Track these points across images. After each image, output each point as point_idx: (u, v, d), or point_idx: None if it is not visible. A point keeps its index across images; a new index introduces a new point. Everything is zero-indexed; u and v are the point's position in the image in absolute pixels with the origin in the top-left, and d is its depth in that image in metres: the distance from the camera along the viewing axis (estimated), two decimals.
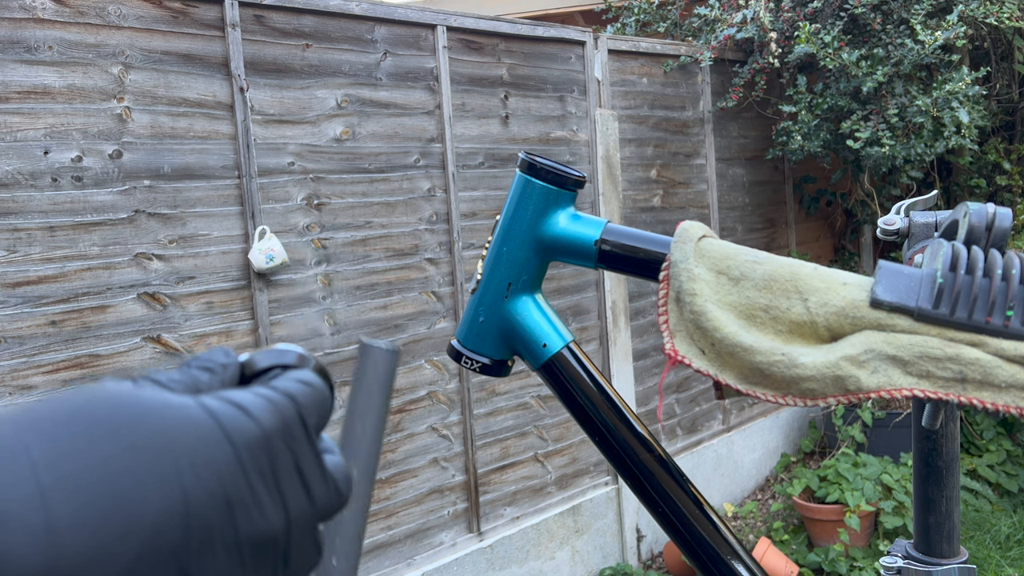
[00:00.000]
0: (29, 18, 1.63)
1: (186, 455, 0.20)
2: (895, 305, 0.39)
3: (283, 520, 0.22)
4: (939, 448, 0.49)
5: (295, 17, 2.04)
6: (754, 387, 0.41)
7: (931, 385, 0.38)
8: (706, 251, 0.44)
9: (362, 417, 0.44)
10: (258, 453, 0.21)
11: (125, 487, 0.19)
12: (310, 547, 0.23)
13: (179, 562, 0.19)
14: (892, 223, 0.51)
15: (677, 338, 0.43)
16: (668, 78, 3.14)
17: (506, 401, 2.52)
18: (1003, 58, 3.44)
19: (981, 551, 2.86)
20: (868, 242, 3.96)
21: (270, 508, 0.21)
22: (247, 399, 0.22)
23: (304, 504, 0.23)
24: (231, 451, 0.21)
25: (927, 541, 0.50)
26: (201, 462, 0.20)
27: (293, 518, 0.22)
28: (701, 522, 0.47)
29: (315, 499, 0.23)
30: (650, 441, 0.48)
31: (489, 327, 0.50)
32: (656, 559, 2.97)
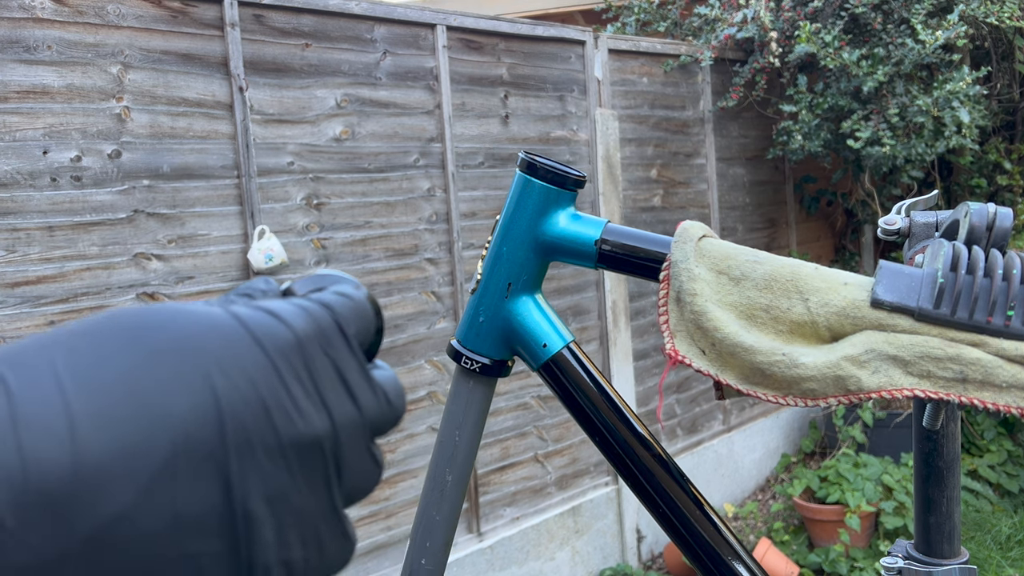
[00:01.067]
0: (28, 17, 1.63)
1: (213, 357, 0.19)
2: (896, 305, 0.39)
3: (328, 426, 0.21)
4: (940, 448, 0.49)
5: (294, 16, 2.03)
6: (755, 387, 0.40)
7: (932, 385, 0.38)
8: (706, 251, 0.43)
9: (460, 429, 0.47)
10: (292, 357, 0.21)
11: (148, 388, 0.18)
12: (366, 461, 0.22)
13: (217, 464, 0.19)
14: (893, 223, 0.50)
15: (677, 338, 0.43)
16: (668, 78, 3.14)
17: (506, 401, 2.52)
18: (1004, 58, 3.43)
19: (982, 551, 2.86)
20: (869, 242, 3.95)
21: (311, 413, 0.21)
22: (279, 306, 0.22)
23: (351, 412, 0.22)
24: (262, 354, 0.20)
25: (928, 541, 0.50)
26: (230, 365, 0.20)
27: (339, 425, 0.21)
28: (702, 522, 0.47)
29: (363, 408, 0.22)
30: (650, 441, 0.48)
31: (489, 327, 0.50)
32: (656, 560, 2.97)
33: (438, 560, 0.51)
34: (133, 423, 0.18)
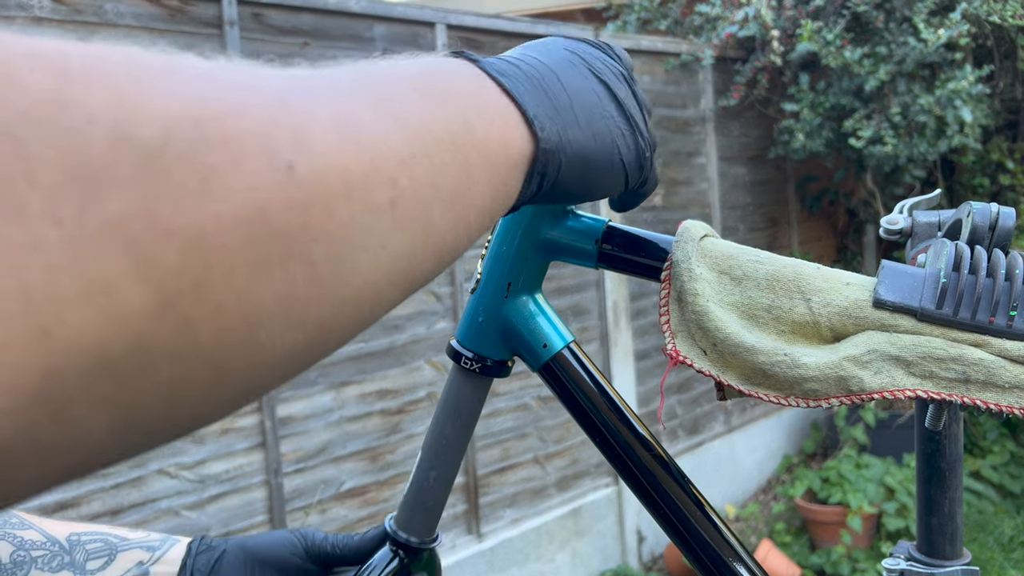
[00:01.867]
0: (26, 17, 1.63)
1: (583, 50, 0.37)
2: (898, 305, 0.39)
3: (643, 144, 0.38)
4: (942, 449, 0.49)
5: (293, 15, 2.03)
6: (756, 388, 0.40)
7: (934, 386, 0.37)
8: (708, 251, 0.43)
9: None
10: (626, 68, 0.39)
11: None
12: (652, 162, 0.39)
13: (615, 103, 0.36)
14: (895, 223, 0.50)
15: (679, 338, 0.42)
16: (669, 76, 3.13)
17: (506, 402, 2.51)
18: (1006, 56, 3.42)
19: (984, 553, 2.85)
20: (871, 242, 3.94)
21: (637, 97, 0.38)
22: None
23: (642, 143, 0.38)
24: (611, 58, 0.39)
25: (930, 543, 0.49)
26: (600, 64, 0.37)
27: (642, 151, 0.37)
28: (703, 524, 0.47)
29: (646, 129, 0.38)
30: (651, 442, 0.48)
31: (489, 327, 0.49)
32: (657, 561, 2.96)
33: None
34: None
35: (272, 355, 0.20)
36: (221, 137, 0.18)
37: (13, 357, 0.14)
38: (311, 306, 0.20)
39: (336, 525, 2.05)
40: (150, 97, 0.17)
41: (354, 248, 0.21)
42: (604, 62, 0.37)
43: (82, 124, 0.16)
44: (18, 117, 0.15)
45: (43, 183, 0.15)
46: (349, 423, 2.14)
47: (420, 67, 0.28)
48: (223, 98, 0.19)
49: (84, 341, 0.15)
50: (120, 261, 0.16)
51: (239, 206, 0.18)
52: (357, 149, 0.21)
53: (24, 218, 0.14)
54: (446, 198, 0.25)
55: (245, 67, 0.21)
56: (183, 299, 0.17)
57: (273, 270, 0.19)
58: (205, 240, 0.17)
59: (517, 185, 0.30)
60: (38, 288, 0.14)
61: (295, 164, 0.19)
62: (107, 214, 0.16)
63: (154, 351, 0.17)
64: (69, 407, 0.16)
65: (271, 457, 1.97)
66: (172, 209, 0.17)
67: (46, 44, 0.16)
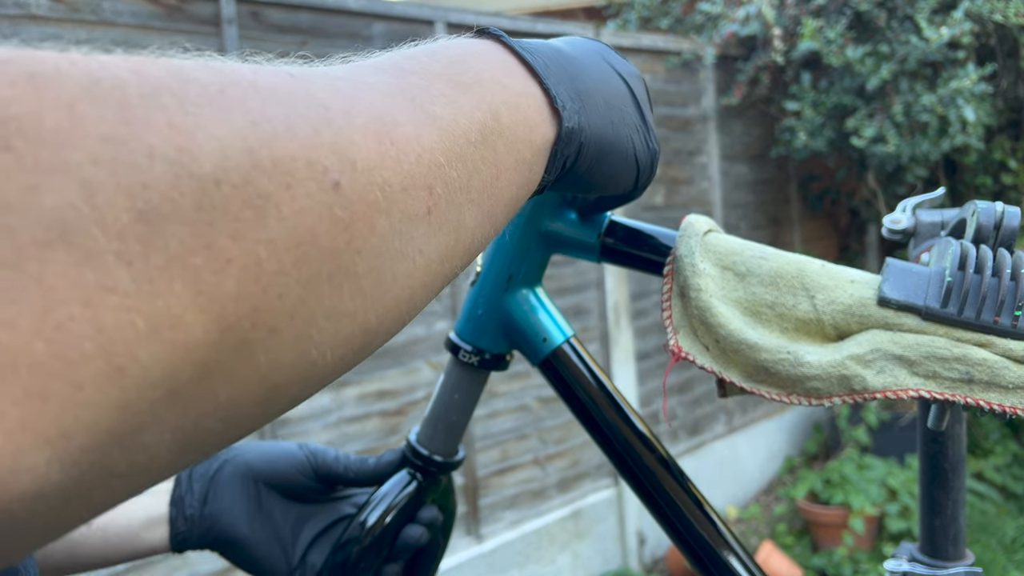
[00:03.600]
0: (24, 15, 1.62)
1: (614, 59, 0.38)
2: (903, 304, 0.38)
3: (654, 146, 0.38)
4: (945, 450, 0.49)
5: (291, 13, 2.02)
6: (758, 385, 0.40)
7: (937, 386, 0.37)
8: (712, 246, 0.43)
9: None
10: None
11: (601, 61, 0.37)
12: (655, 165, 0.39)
13: (634, 101, 0.37)
14: (898, 222, 0.50)
15: (681, 334, 0.42)
16: (671, 75, 3.12)
17: (505, 403, 2.50)
18: (1009, 55, 3.41)
19: (987, 554, 2.84)
20: (873, 241, 3.93)
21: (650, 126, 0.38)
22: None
23: (653, 144, 0.39)
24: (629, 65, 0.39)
25: (932, 544, 0.49)
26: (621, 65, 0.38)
27: (654, 152, 0.38)
28: (704, 525, 0.46)
29: (654, 146, 0.39)
30: (652, 440, 0.47)
31: (488, 320, 0.49)
32: (658, 563, 2.95)
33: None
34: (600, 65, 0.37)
35: (322, 368, 0.21)
36: (272, 162, 0.18)
37: (90, 396, 0.15)
38: (357, 317, 0.21)
39: None
40: (204, 126, 0.17)
41: (393, 257, 0.22)
42: (624, 64, 0.38)
43: (144, 161, 0.16)
44: (85, 158, 0.15)
45: (112, 224, 0.15)
46: (348, 424, 2.13)
47: (449, 55, 0.28)
48: (271, 116, 0.19)
49: (154, 374, 0.16)
50: (184, 294, 0.16)
51: (291, 230, 0.18)
52: (396, 159, 0.22)
53: (96, 259, 0.15)
54: (475, 198, 0.26)
55: (284, 72, 0.21)
56: (241, 324, 0.18)
57: (322, 287, 0.19)
58: (260, 266, 0.18)
59: (540, 171, 0.30)
60: (112, 328, 0.15)
61: (341, 182, 0.20)
62: (171, 250, 0.16)
63: (215, 376, 0.17)
64: (139, 436, 0.16)
65: None
66: (230, 240, 0.17)
67: (104, 69, 0.17)
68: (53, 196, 0.15)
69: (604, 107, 0.34)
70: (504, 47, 0.30)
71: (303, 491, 0.53)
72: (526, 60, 0.30)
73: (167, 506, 0.51)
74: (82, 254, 0.15)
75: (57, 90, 0.16)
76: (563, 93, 0.31)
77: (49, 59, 0.16)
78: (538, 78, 0.30)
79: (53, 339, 0.14)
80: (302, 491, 0.53)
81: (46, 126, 0.15)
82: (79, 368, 0.14)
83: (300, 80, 0.21)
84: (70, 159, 0.15)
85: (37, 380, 0.14)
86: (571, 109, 0.31)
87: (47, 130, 0.15)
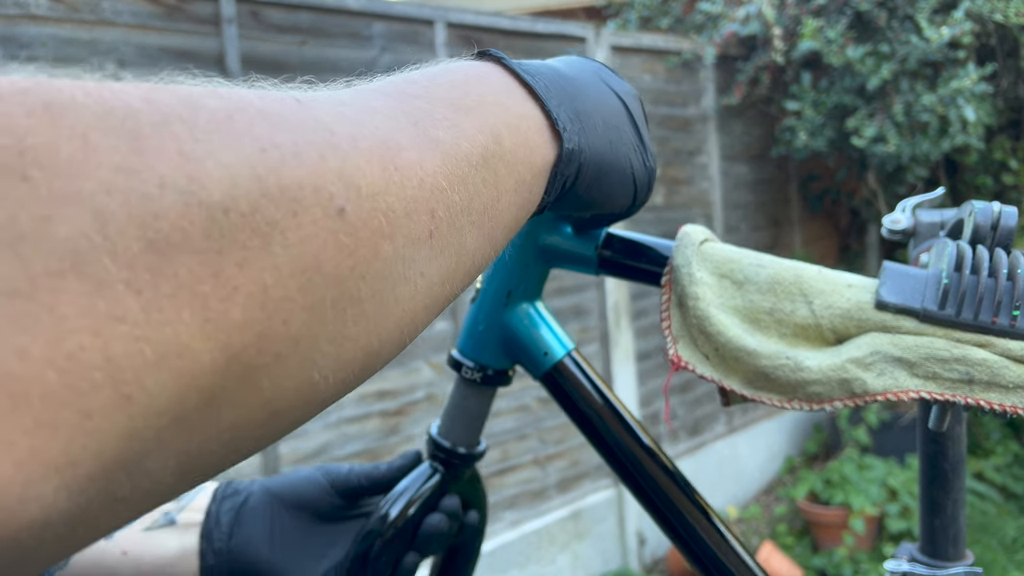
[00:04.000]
0: (23, 15, 1.62)
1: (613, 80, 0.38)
2: (901, 307, 0.38)
3: (651, 165, 0.39)
4: (945, 450, 0.49)
5: (291, 13, 2.02)
6: (759, 392, 0.40)
7: (937, 387, 0.37)
8: (709, 255, 0.43)
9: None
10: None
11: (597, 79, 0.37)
12: (651, 182, 0.39)
13: (632, 122, 0.37)
14: (898, 222, 0.50)
15: (680, 344, 0.42)
16: (671, 75, 3.12)
17: (505, 403, 2.50)
18: (1009, 55, 3.40)
19: (987, 554, 2.83)
20: (874, 241, 3.93)
21: (645, 144, 0.38)
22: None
23: (650, 163, 0.39)
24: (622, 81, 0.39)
25: (933, 544, 0.49)
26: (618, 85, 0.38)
27: (651, 171, 0.39)
28: (704, 528, 0.46)
29: (651, 163, 0.39)
30: (655, 450, 0.47)
31: (489, 336, 0.49)
32: (658, 564, 2.95)
33: None
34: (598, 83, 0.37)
35: (323, 392, 0.21)
36: (280, 189, 0.19)
37: (98, 425, 0.15)
38: (359, 341, 0.21)
39: None
40: (214, 154, 0.18)
41: (396, 281, 0.22)
42: (621, 83, 0.39)
43: (155, 191, 0.16)
44: (99, 188, 0.15)
45: (123, 253, 0.15)
46: (348, 424, 2.13)
47: (452, 78, 0.28)
48: (279, 143, 0.19)
49: (160, 402, 0.16)
50: (192, 322, 0.16)
51: (297, 257, 0.19)
52: (400, 183, 0.22)
53: (107, 289, 0.15)
54: (476, 220, 0.26)
55: (291, 97, 0.22)
56: (247, 351, 0.18)
57: (326, 312, 0.20)
58: (267, 293, 0.18)
59: (540, 192, 0.31)
60: (121, 357, 0.15)
61: (346, 208, 0.20)
62: (180, 279, 0.16)
63: (220, 402, 0.18)
64: (144, 463, 0.16)
65: (269, 459, 1.97)
66: (237, 267, 0.17)
67: (116, 98, 0.17)
68: (67, 226, 0.15)
69: (602, 127, 0.34)
70: (505, 69, 0.31)
71: (329, 510, 0.54)
72: (527, 82, 0.31)
73: (198, 539, 0.51)
74: (94, 284, 0.15)
75: (72, 120, 0.16)
76: (563, 115, 0.31)
77: (65, 88, 0.16)
78: (539, 100, 0.31)
79: (64, 369, 0.14)
80: (328, 510, 0.54)
81: (61, 156, 0.15)
82: (89, 397, 0.15)
83: (306, 105, 0.21)
84: (84, 189, 0.15)
85: (48, 410, 0.14)
86: (571, 131, 0.32)
87: (62, 160, 0.15)
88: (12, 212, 0.14)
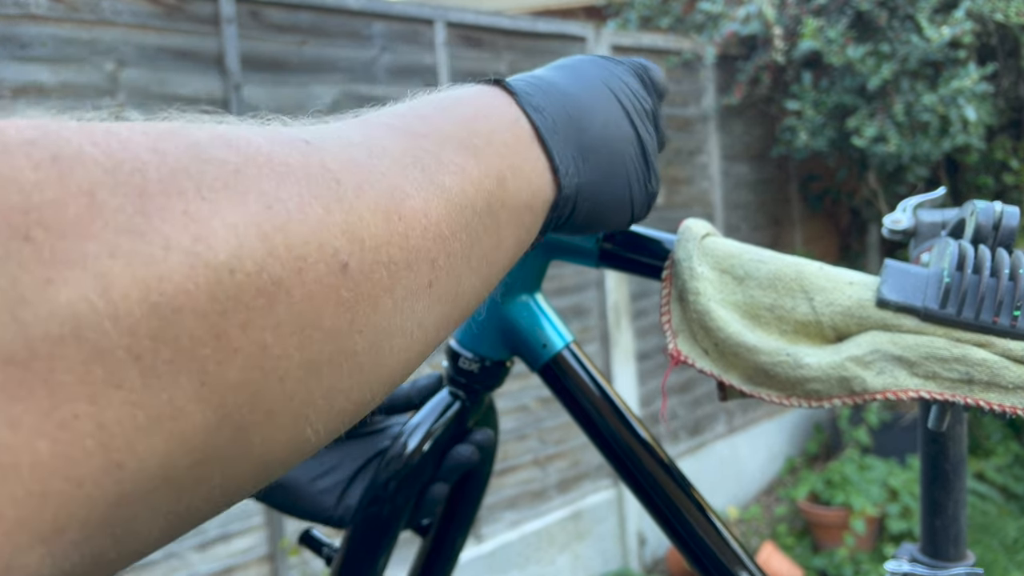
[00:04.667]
0: (23, 15, 1.62)
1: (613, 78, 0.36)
2: (901, 305, 0.38)
3: (653, 189, 0.38)
4: (946, 450, 0.49)
5: (291, 13, 2.02)
6: (758, 388, 0.40)
7: (937, 386, 0.37)
8: (710, 249, 0.43)
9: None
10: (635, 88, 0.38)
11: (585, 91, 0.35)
12: (656, 168, 0.38)
13: (639, 146, 0.36)
14: (899, 222, 0.50)
15: (680, 338, 0.42)
16: (671, 74, 3.11)
17: (505, 403, 2.50)
18: (1010, 55, 3.40)
19: (988, 555, 2.83)
20: (874, 241, 3.93)
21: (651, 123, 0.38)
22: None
23: (652, 186, 0.38)
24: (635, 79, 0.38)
25: (933, 545, 0.49)
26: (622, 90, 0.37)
27: (661, 138, 0.39)
28: (704, 527, 0.46)
29: (662, 138, 0.39)
30: (652, 445, 0.47)
31: (487, 327, 0.49)
32: (659, 564, 2.95)
33: None
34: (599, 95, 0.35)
35: (313, 444, 0.20)
36: (286, 247, 0.18)
37: (88, 492, 0.15)
38: (352, 395, 0.21)
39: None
40: (220, 213, 0.17)
41: (392, 334, 0.22)
42: (638, 96, 0.37)
43: (160, 252, 0.16)
44: (103, 250, 0.15)
45: (124, 318, 0.15)
46: None
47: (463, 113, 0.28)
48: (285, 198, 0.19)
49: (151, 466, 0.16)
50: (189, 386, 0.16)
51: (298, 314, 0.18)
52: (404, 235, 0.22)
53: (106, 355, 0.15)
54: (475, 267, 0.26)
55: (300, 140, 0.21)
56: (240, 410, 0.17)
57: (322, 368, 0.19)
58: (265, 351, 0.17)
59: (536, 232, 0.30)
60: (113, 423, 0.15)
61: (349, 263, 0.20)
62: (180, 343, 0.16)
63: (211, 461, 0.17)
64: (131, 525, 0.16)
65: None
66: (239, 329, 0.17)
67: (125, 150, 0.16)
68: (69, 290, 0.14)
69: (605, 160, 0.34)
70: (517, 107, 0.30)
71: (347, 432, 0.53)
72: (535, 123, 0.30)
73: None
74: (92, 350, 0.14)
75: (80, 176, 0.15)
76: (567, 157, 0.31)
77: (73, 139, 0.16)
78: (544, 144, 0.30)
79: (56, 438, 0.14)
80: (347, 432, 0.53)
81: (67, 215, 0.15)
82: (79, 465, 0.14)
83: (315, 150, 0.21)
84: (88, 251, 0.15)
85: (37, 479, 0.14)
86: (572, 174, 0.31)
87: (68, 220, 0.15)
88: (14, 275, 0.14)
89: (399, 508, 0.49)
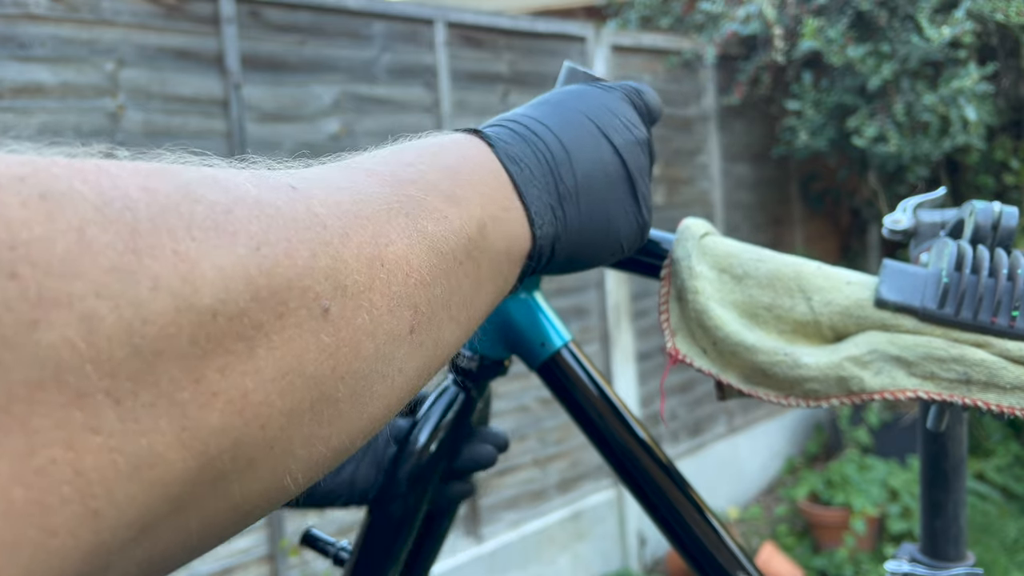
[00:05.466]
0: (22, 15, 1.62)
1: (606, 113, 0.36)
2: (900, 305, 0.38)
3: (644, 220, 0.37)
4: (946, 451, 0.49)
5: (291, 12, 2.02)
6: (756, 387, 0.40)
7: (935, 387, 0.37)
8: (709, 249, 0.43)
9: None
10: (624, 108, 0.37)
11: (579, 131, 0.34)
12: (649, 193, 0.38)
13: (627, 183, 0.35)
14: (899, 222, 0.50)
15: (678, 337, 0.42)
16: (671, 74, 3.11)
17: (505, 404, 2.50)
18: (1010, 55, 3.40)
19: (988, 555, 2.83)
20: (875, 241, 3.93)
21: (641, 130, 0.37)
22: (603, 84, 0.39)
23: (643, 218, 0.37)
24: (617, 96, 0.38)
25: (933, 545, 0.49)
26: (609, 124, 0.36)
27: (644, 225, 0.37)
28: (702, 528, 0.46)
29: (653, 161, 0.38)
30: (650, 444, 0.47)
31: (486, 325, 0.49)
32: (659, 564, 2.95)
33: None
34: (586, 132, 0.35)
35: (292, 492, 0.20)
36: (270, 291, 0.18)
37: (63, 543, 0.14)
38: (331, 441, 0.21)
39: (335, 527, 2.04)
40: (208, 255, 0.17)
41: (374, 380, 0.22)
42: (628, 126, 0.36)
43: (147, 293, 0.16)
44: (90, 290, 0.15)
45: (106, 361, 0.15)
46: None
47: (447, 163, 0.28)
48: (273, 241, 0.19)
49: (129, 515, 0.15)
50: (168, 431, 0.16)
51: (279, 360, 0.18)
52: (386, 280, 0.22)
53: (86, 399, 0.14)
54: (455, 314, 0.26)
55: (287, 185, 0.21)
56: (220, 458, 0.17)
57: (303, 415, 0.19)
58: (246, 398, 0.17)
59: (514, 279, 0.31)
60: (91, 470, 0.14)
61: (330, 309, 0.20)
62: (160, 387, 0.16)
63: (188, 509, 0.17)
64: (107, 573, 0.16)
65: None
66: (218, 373, 0.17)
67: (115, 188, 0.16)
68: (52, 333, 0.14)
69: (586, 204, 0.34)
70: (497, 159, 0.31)
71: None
72: (512, 175, 0.31)
73: None
74: (73, 394, 0.14)
75: (69, 212, 0.15)
76: (543, 206, 0.31)
77: (63, 176, 0.16)
78: (521, 196, 0.31)
79: (31, 484, 0.14)
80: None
81: (55, 252, 0.15)
82: (54, 514, 0.14)
83: (302, 195, 0.21)
84: (74, 291, 0.15)
85: (10, 528, 0.13)
86: (547, 223, 0.32)
87: (56, 257, 0.14)
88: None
89: (413, 506, 0.49)
